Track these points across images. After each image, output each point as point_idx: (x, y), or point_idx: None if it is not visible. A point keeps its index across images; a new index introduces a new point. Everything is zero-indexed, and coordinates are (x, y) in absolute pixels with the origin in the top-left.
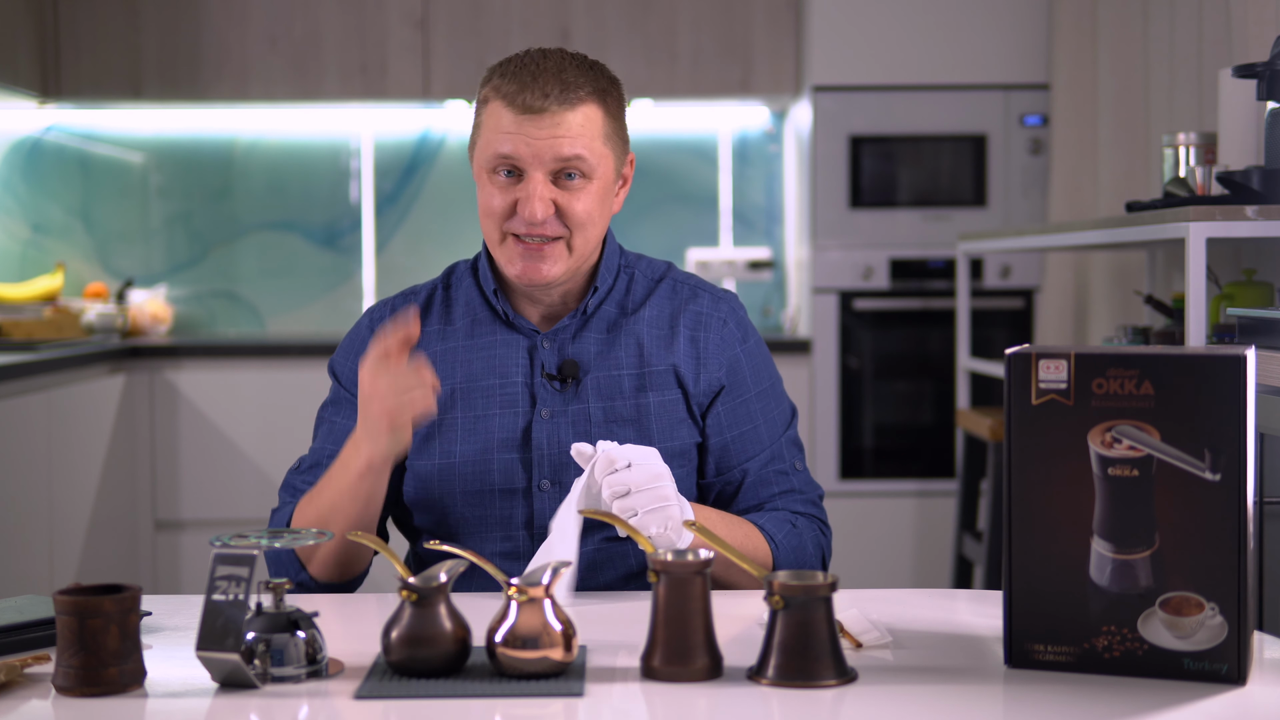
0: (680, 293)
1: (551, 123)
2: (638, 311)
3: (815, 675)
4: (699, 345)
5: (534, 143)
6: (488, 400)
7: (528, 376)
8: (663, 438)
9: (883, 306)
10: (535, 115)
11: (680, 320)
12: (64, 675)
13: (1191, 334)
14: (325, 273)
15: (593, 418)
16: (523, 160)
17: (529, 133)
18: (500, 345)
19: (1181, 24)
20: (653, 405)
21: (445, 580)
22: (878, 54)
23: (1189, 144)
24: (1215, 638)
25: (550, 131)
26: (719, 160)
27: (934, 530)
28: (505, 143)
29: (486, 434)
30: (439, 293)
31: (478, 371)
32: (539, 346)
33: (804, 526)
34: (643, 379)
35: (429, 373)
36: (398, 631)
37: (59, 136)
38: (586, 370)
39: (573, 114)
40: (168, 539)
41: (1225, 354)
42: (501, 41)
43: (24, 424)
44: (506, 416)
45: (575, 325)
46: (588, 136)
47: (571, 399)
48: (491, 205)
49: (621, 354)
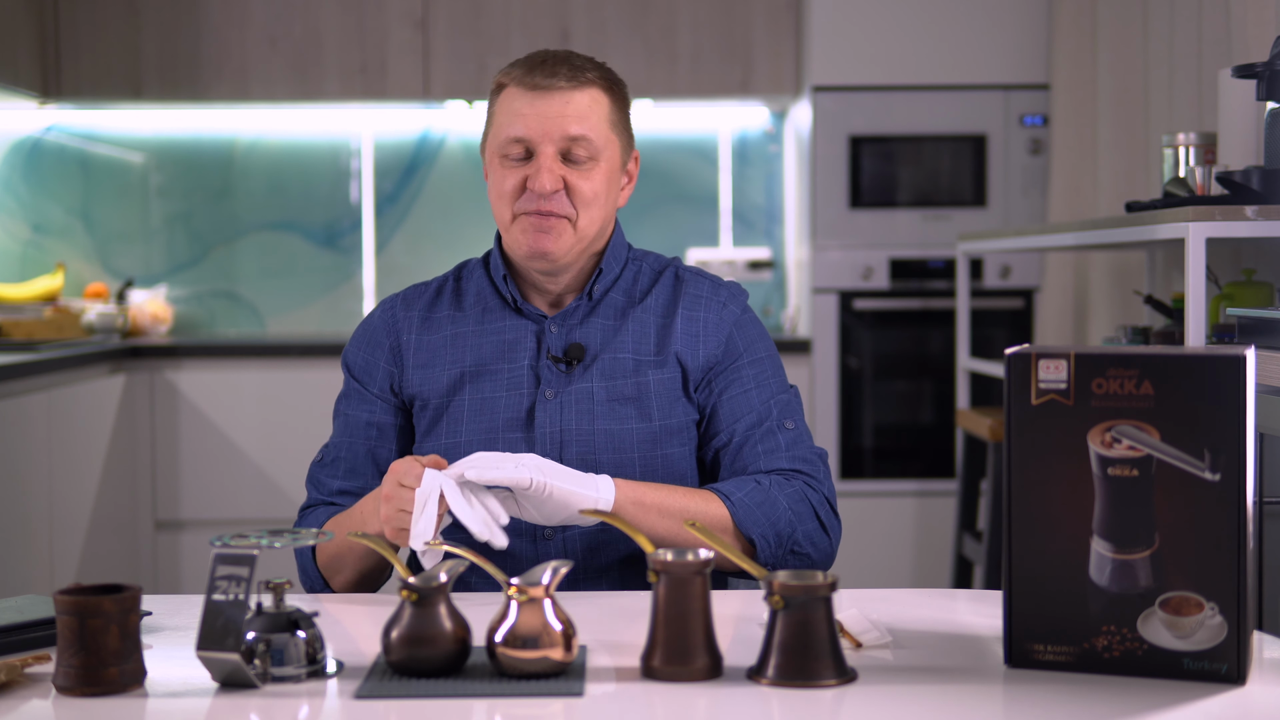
0: (683, 279)
1: (561, 100)
2: (644, 300)
3: (815, 675)
4: (697, 323)
5: (545, 120)
6: (494, 383)
7: (534, 359)
8: (662, 415)
9: (883, 306)
10: (545, 92)
11: (680, 303)
12: (64, 675)
13: (1191, 334)
14: (325, 273)
15: (595, 396)
16: (533, 138)
17: (540, 110)
18: (509, 330)
19: (1181, 24)
20: (652, 383)
21: (445, 580)
22: (878, 54)
23: (1189, 144)
24: (1215, 638)
25: (560, 109)
26: (719, 160)
27: (934, 530)
28: (517, 124)
29: (492, 415)
30: (450, 283)
31: (487, 356)
32: (547, 330)
33: (775, 482)
34: (643, 361)
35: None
36: (398, 631)
37: (59, 136)
38: (594, 353)
39: (581, 94)
40: (168, 539)
41: (1225, 354)
42: (501, 41)
43: (24, 424)
44: (512, 398)
45: (583, 310)
46: (595, 118)
47: (576, 379)
48: (504, 187)
49: (627, 338)
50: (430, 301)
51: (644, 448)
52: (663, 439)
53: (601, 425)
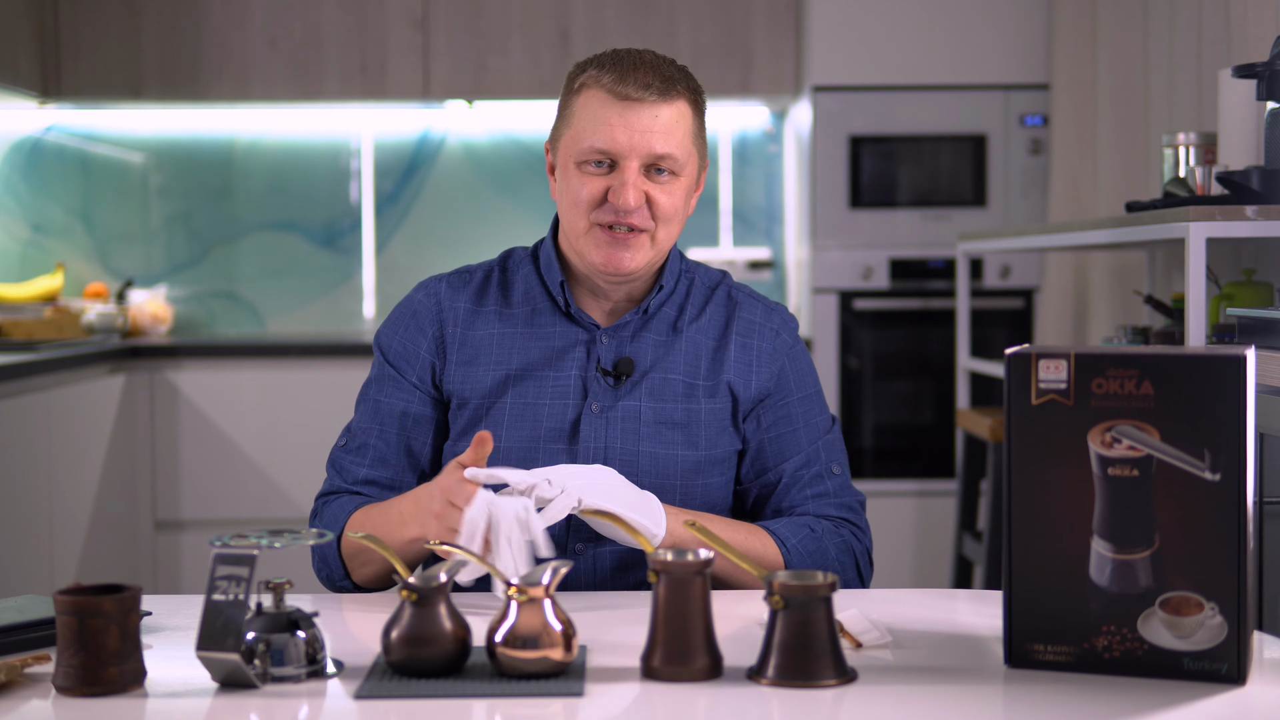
0: (736, 300)
1: (651, 114)
2: (696, 320)
3: (815, 675)
4: (750, 352)
5: (633, 134)
6: (539, 389)
7: (583, 369)
8: (709, 445)
9: (883, 306)
10: (635, 104)
11: (733, 327)
12: (64, 675)
13: (1191, 334)
14: (325, 273)
15: (642, 417)
16: (620, 151)
17: (629, 122)
18: (559, 337)
19: (1181, 24)
20: (703, 412)
21: (445, 580)
22: (878, 54)
23: (1189, 144)
24: (1215, 638)
25: (649, 124)
26: (719, 160)
27: (934, 530)
28: (603, 134)
29: (535, 422)
30: (496, 274)
31: (534, 360)
32: (598, 341)
33: (826, 531)
34: (694, 387)
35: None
36: (398, 631)
37: (59, 136)
38: (643, 369)
39: (669, 108)
40: (168, 539)
41: (1225, 354)
42: (501, 41)
43: (24, 424)
44: (556, 407)
45: (636, 323)
46: (680, 133)
47: (624, 395)
48: (580, 195)
49: (679, 359)
50: (477, 292)
51: (686, 475)
52: (705, 468)
53: (646, 448)
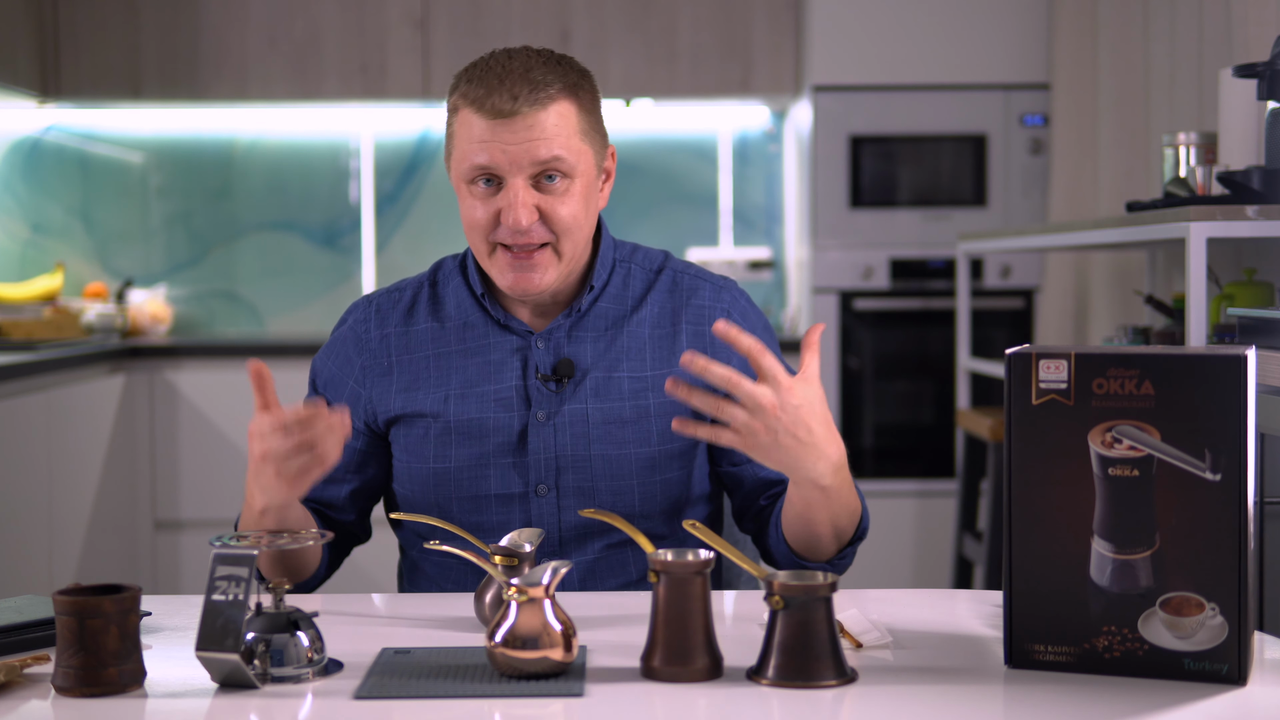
0: (681, 285)
1: (524, 125)
2: (638, 310)
3: (815, 675)
4: (704, 339)
5: (509, 149)
6: (481, 404)
7: (521, 378)
8: (662, 440)
9: (883, 306)
10: (507, 119)
11: (683, 317)
12: (64, 675)
13: (1192, 334)
14: (325, 273)
15: (590, 419)
16: (500, 168)
17: (502, 139)
18: (494, 349)
19: (1181, 24)
20: (653, 407)
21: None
22: (878, 54)
23: (1189, 144)
24: (1215, 638)
25: (524, 135)
26: (719, 160)
27: (934, 530)
28: (480, 152)
29: (481, 438)
30: (426, 290)
31: (472, 376)
32: (533, 347)
33: None
34: (645, 381)
35: (339, 418)
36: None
37: (59, 136)
38: (584, 369)
39: (545, 114)
40: (168, 539)
41: (1225, 354)
42: (501, 42)
43: (24, 424)
44: (501, 420)
45: (570, 324)
46: (564, 135)
47: (568, 399)
48: (475, 218)
49: (621, 355)
50: (406, 313)
51: (642, 473)
52: (661, 463)
53: (598, 450)
